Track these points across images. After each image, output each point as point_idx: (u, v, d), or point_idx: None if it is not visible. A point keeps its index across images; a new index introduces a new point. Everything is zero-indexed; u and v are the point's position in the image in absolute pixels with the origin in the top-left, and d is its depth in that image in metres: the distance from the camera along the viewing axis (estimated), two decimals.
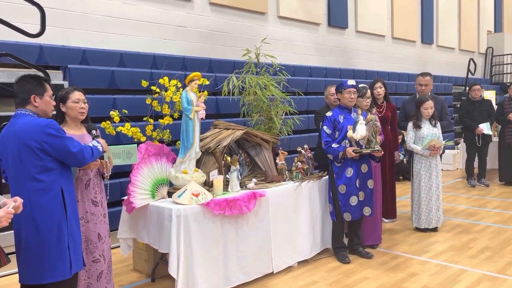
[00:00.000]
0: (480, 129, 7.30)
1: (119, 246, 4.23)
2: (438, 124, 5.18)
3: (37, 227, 2.51)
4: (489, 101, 7.76)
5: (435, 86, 10.35)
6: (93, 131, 3.06)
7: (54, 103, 2.77)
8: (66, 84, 4.88)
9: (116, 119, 3.94)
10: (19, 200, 2.22)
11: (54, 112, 2.88)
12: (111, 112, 3.96)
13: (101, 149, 2.85)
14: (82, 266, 2.75)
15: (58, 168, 2.58)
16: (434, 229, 5.17)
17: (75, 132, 3.00)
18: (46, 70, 4.50)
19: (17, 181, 2.54)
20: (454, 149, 9.67)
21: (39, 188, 2.52)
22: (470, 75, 11.68)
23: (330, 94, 4.95)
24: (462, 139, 8.17)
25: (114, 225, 4.46)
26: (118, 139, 4.86)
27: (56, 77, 4.84)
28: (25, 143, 2.48)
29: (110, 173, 3.16)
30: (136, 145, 3.29)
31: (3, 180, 2.90)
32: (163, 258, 3.82)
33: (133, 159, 3.25)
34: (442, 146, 5.08)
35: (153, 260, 4.01)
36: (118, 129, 3.98)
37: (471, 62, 11.60)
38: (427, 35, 12.06)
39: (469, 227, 5.36)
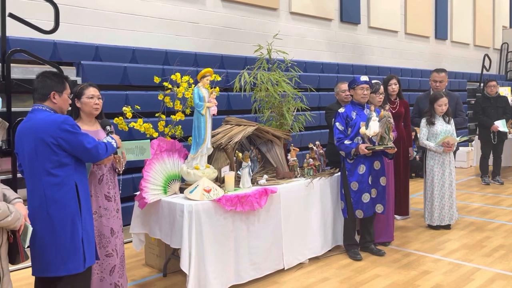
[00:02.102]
0: (495, 126, 7.20)
1: (131, 241, 4.27)
2: (452, 121, 5.12)
3: (51, 221, 2.54)
4: (504, 98, 7.63)
5: (449, 83, 10.19)
6: (108, 127, 3.08)
7: (70, 101, 2.81)
8: (79, 80, 4.93)
9: (129, 115, 3.96)
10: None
11: (69, 108, 2.91)
12: (124, 108, 3.98)
13: (115, 145, 2.88)
14: (95, 260, 2.78)
15: (73, 164, 2.62)
16: (447, 227, 5.12)
17: (89, 128, 3.03)
18: (60, 66, 4.54)
19: (33, 176, 2.58)
20: (468, 146, 9.54)
21: (54, 183, 2.55)
22: (485, 71, 11.50)
23: (340, 91, 4.91)
24: (477, 136, 8.06)
25: (126, 220, 4.50)
26: (130, 135, 4.89)
27: (70, 73, 4.88)
28: (41, 138, 2.52)
29: (123, 168, 3.18)
30: (149, 140, 3.31)
31: (18, 174, 2.94)
32: (175, 253, 3.85)
33: (146, 155, 3.26)
34: (456, 143, 5.02)
35: (165, 255, 4.04)
36: (131, 125, 4.01)
37: (486, 58, 11.42)
38: (441, 31, 11.89)
39: (483, 225, 5.30)
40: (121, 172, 3.18)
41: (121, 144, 3.04)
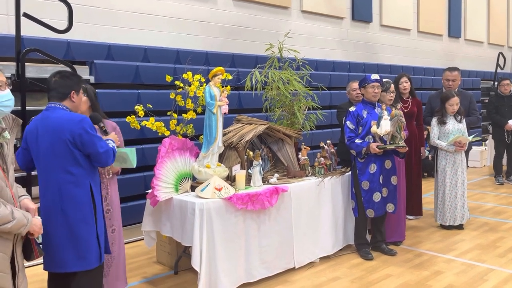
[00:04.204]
0: (509, 125, 7.11)
1: (142, 239, 4.30)
2: (464, 120, 5.06)
3: (67, 218, 2.58)
4: None
5: (463, 81, 10.07)
6: (101, 124, 3.03)
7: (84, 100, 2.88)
8: (92, 79, 4.98)
9: (141, 113, 3.99)
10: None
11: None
12: (136, 107, 4.01)
13: (116, 150, 2.89)
14: (104, 256, 2.83)
15: (88, 163, 2.67)
16: (460, 227, 5.07)
17: None
18: (73, 65, 4.59)
19: (48, 172, 2.61)
20: (482, 145, 9.43)
21: (71, 181, 2.59)
22: (499, 70, 11.33)
23: (352, 90, 4.89)
24: (490, 136, 7.95)
25: (138, 218, 4.54)
26: (142, 133, 4.93)
27: (83, 72, 4.94)
28: (60, 136, 2.56)
29: (110, 175, 3.23)
30: (133, 149, 3.11)
31: (34, 172, 2.96)
32: (186, 251, 3.87)
33: (129, 164, 3.09)
34: (468, 143, 4.96)
35: (176, 253, 4.06)
36: (143, 123, 4.04)
37: (500, 56, 11.25)
38: (454, 29, 11.75)
39: (496, 226, 5.23)
40: (106, 176, 3.23)
41: (119, 143, 3.03)
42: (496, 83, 9.60)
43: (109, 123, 3.33)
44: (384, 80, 4.43)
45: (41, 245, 2.39)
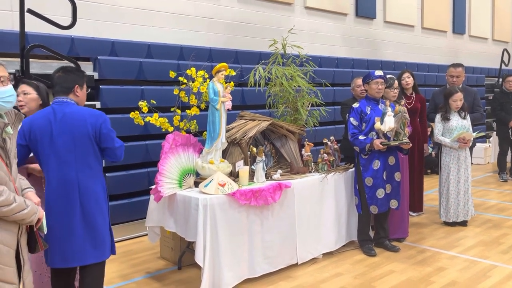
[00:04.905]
0: None
1: (146, 234, 4.33)
2: (468, 116, 5.04)
3: (85, 211, 2.62)
4: None
5: (467, 78, 10.06)
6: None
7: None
8: (96, 75, 4.99)
9: (145, 109, 4.01)
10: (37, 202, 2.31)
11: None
12: (140, 103, 4.03)
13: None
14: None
15: (101, 158, 2.72)
16: (463, 224, 5.06)
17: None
18: (77, 62, 4.60)
19: (67, 167, 2.60)
20: (486, 142, 9.39)
21: (89, 175, 2.64)
22: (503, 66, 11.27)
23: (356, 86, 4.88)
24: (495, 132, 7.93)
25: (141, 214, 4.56)
26: (146, 129, 4.94)
27: (86, 68, 4.95)
28: (81, 130, 2.60)
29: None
30: None
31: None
32: (190, 247, 3.89)
33: None
34: (472, 139, 4.95)
35: (179, 248, 4.08)
36: (147, 119, 4.05)
37: (505, 52, 11.18)
38: (458, 25, 11.69)
39: (500, 222, 5.22)
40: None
41: None
42: (500, 79, 9.56)
43: None
44: (388, 76, 4.42)
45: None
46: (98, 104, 4.87)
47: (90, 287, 2.72)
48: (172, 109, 4.18)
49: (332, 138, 4.57)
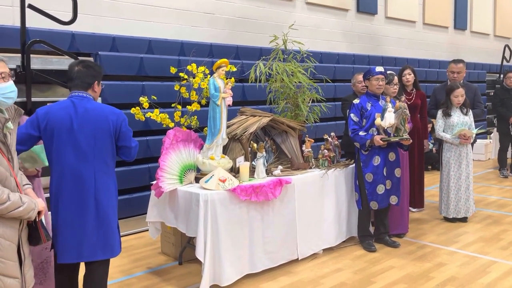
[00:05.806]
0: None
1: (147, 230, 4.34)
2: (470, 112, 5.04)
3: (99, 207, 2.62)
4: None
5: (468, 74, 10.02)
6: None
7: None
8: None
9: (146, 105, 4.01)
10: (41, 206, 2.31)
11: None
12: (141, 98, 4.03)
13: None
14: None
15: (115, 156, 2.75)
16: (463, 220, 5.07)
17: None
18: (78, 57, 4.59)
19: (85, 163, 2.59)
20: (487, 138, 9.39)
21: (105, 172, 2.66)
22: (505, 62, 11.24)
23: (357, 82, 4.88)
24: (495, 129, 7.92)
25: (143, 209, 4.57)
26: (147, 125, 4.95)
27: None
28: (103, 127, 2.62)
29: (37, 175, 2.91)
30: (41, 146, 2.72)
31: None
32: (190, 242, 3.90)
33: (40, 163, 2.79)
34: (474, 136, 4.95)
35: (180, 243, 4.10)
36: (148, 115, 4.05)
37: (507, 48, 11.16)
38: (460, 21, 11.65)
39: (500, 218, 5.23)
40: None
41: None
42: (502, 75, 9.54)
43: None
44: (388, 72, 4.42)
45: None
46: (99, 100, 4.87)
47: (96, 283, 2.72)
48: (173, 105, 4.18)
49: (332, 134, 4.57)
